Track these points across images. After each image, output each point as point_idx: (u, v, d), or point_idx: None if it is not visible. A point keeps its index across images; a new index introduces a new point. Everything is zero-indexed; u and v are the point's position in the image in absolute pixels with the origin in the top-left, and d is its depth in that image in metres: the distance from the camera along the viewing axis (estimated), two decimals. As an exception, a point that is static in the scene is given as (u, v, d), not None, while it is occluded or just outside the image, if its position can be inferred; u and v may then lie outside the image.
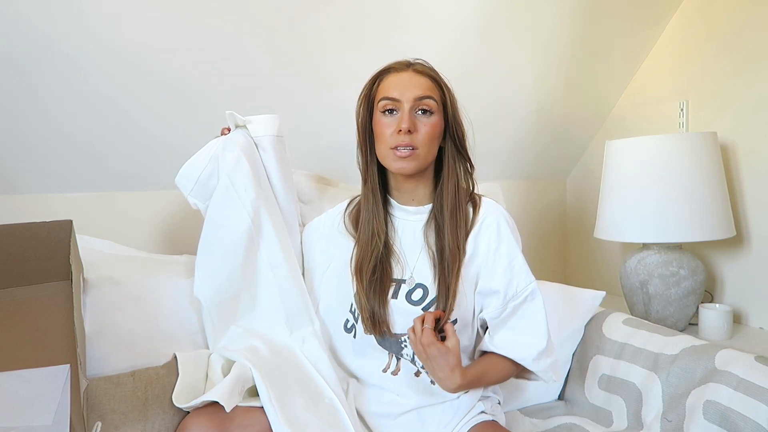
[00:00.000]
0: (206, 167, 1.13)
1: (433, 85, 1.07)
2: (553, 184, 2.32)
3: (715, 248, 1.81)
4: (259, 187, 1.13)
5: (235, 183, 1.11)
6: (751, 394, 1.06)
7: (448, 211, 1.08)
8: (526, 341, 1.06)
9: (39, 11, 1.17)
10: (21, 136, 1.31)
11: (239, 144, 1.13)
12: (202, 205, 1.17)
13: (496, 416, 1.14)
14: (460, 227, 1.08)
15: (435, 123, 1.06)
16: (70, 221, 1.05)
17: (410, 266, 1.10)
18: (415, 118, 1.04)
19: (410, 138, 1.03)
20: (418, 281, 1.09)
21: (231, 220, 1.12)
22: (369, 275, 1.08)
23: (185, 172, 1.15)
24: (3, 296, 1.00)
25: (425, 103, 1.05)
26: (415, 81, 1.05)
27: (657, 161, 1.61)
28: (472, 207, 1.12)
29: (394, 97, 1.05)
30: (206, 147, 1.15)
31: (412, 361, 1.09)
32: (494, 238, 1.08)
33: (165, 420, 1.04)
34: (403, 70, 1.07)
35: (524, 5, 1.69)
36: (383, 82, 1.08)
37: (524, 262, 1.09)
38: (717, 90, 1.78)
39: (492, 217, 1.10)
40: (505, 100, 1.90)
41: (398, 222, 1.14)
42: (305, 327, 1.14)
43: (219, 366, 1.09)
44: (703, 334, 1.61)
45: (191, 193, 1.15)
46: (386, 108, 1.06)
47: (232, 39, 1.40)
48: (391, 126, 1.05)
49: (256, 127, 1.16)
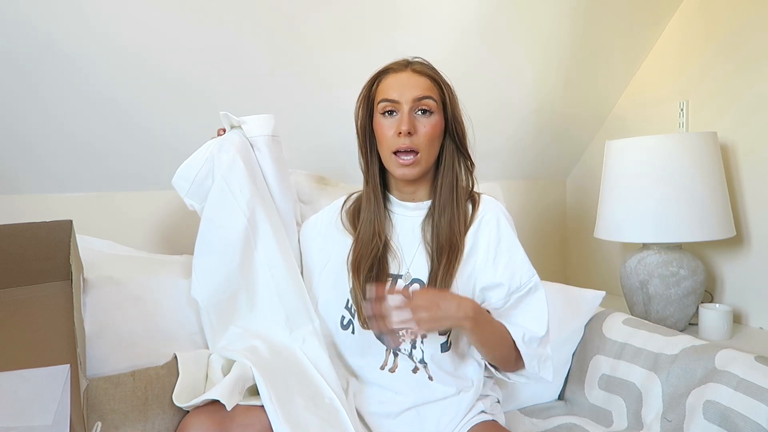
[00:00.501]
0: (202, 168, 1.13)
1: (432, 85, 1.06)
2: (553, 184, 2.32)
3: (715, 248, 1.81)
4: (254, 187, 1.14)
5: (230, 183, 1.12)
6: (751, 394, 1.06)
7: (445, 207, 1.08)
8: (525, 325, 1.05)
9: (39, 11, 1.17)
10: (21, 136, 1.31)
11: (234, 144, 1.13)
12: (198, 205, 1.17)
13: (496, 415, 1.14)
14: (456, 223, 1.08)
15: (435, 123, 1.06)
16: (70, 221, 1.05)
17: (407, 262, 1.10)
18: (414, 118, 1.05)
19: (410, 140, 1.03)
20: (415, 276, 1.09)
21: (227, 220, 1.12)
22: (366, 272, 1.08)
23: (182, 173, 1.15)
24: (3, 296, 1.00)
25: (424, 103, 1.04)
26: (414, 81, 1.05)
27: (657, 161, 1.61)
28: (471, 204, 1.12)
29: (393, 99, 1.05)
30: (202, 148, 1.15)
31: (409, 356, 1.09)
32: (494, 234, 1.09)
33: (165, 420, 1.04)
34: (401, 70, 1.07)
35: (524, 5, 1.69)
36: (382, 83, 1.08)
37: (525, 256, 1.09)
38: (717, 90, 1.78)
39: (491, 213, 1.10)
40: (506, 100, 1.90)
41: (397, 218, 1.14)
42: (305, 326, 1.14)
43: (219, 366, 1.09)
44: (703, 334, 1.61)
45: (187, 194, 1.15)
46: (386, 110, 1.06)
47: (232, 39, 1.40)
48: (391, 128, 1.05)
49: (251, 127, 1.16)
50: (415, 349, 1.09)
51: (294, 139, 1.64)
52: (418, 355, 1.09)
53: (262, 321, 1.15)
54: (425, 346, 1.09)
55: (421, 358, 1.09)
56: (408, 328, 1.05)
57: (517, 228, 1.14)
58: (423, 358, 1.09)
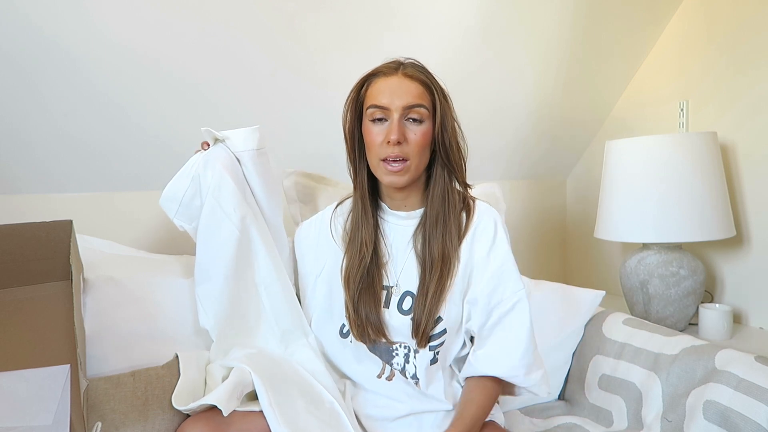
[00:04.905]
0: (189, 188, 1.09)
1: (423, 91, 1.02)
2: (553, 184, 2.32)
3: (715, 248, 1.81)
4: (246, 205, 1.09)
5: (222, 203, 1.06)
6: (751, 394, 1.06)
7: (436, 219, 1.05)
8: (511, 358, 1.03)
9: (39, 11, 1.17)
10: (21, 136, 1.32)
11: (220, 160, 1.07)
12: (188, 226, 1.13)
13: (495, 416, 1.14)
14: (449, 235, 1.05)
15: (425, 131, 1.02)
16: (70, 221, 1.05)
17: (396, 273, 1.09)
18: (404, 126, 1.01)
19: (400, 149, 1.00)
20: (405, 288, 1.07)
21: (223, 243, 1.08)
22: (356, 284, 1.06)
23: (168, 194, 1.10)
24: (3, 296, 1.00)
25: (415, 111, 1.01)
26: (405, 87, 1.01)
27: (657, 161, 1.61)
28: (465, 213, 1.09)
29: (383, 105, 1.01)
30: (186, 165, 1.10)
31: (402, 371, 1.08)
32: (489, 242, 1.06)
33: (165, 420, 1.04)
34: (392, 74, 1.03)
35: (525, 6, 1.69)
36: (371, 87, 1.04)
37: (515, 269, 1.06)
38: (717, 90, 1.78)
39: (486, 221, 1.08)
40: (506, 101, 1.90)
41: (389, 227, 1.11)
42: (299, 340, 1.13)
43: (218, 373, 1.08)
44: (703, 334, 1.61)
45: (176, 216, 1.11)
46: (374, 116, 1.02)
47: (233, 39, 1.41)
48: (380, 135, 1.01)
49: (235, 142, 1.09)
50: (408, 364, 1.08)
51: (294, 139, 1.64)
52: (410, 370, 1.07)
53: (258, 339, 1.14)
54: (417, 360, 1.07)
55: (413, 373, 1.07)
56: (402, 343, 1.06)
57: (517, 228, 1.13)
58: (415, 373, 1.07)
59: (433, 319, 1.03)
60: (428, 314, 1.02)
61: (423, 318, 1.02)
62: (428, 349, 1.06)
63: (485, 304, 1.05)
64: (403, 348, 1.07)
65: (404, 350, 1.07)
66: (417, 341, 1.04)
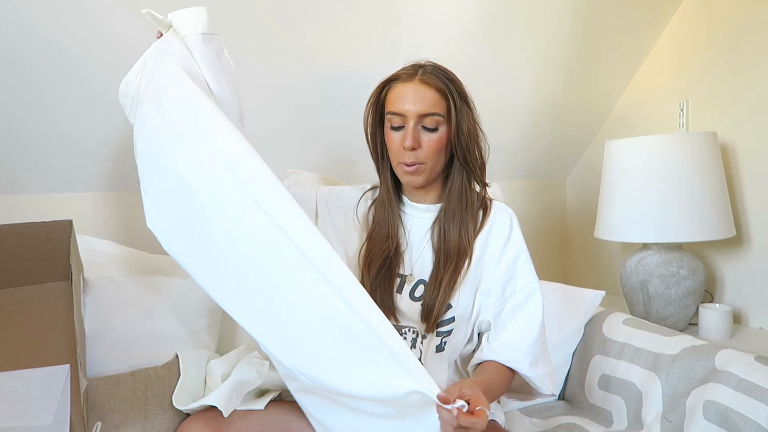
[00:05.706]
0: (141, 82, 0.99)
1: (439, 98, 1.04)
2: (553, 184, 2.32)
3: (715, 248, 1.81)
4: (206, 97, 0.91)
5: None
6: (751, 394, 1.06)
7: (453, 214, 1.09)
8: (519, 346, 1.05)
9: (39, 11, 1.17)
10: (21, 135, 1.31)
11: (173, 56, 0.95)
12: None
13: (495, 415, 1.14)
14: (465, 229, 1.09)
15: (440, 137, 1.05)
16: (70, 221, 1.05)
17: (412, 262, 1.11)
18: (419, 132, 1.05)
19: (415, 154, 1.04)
20: (419, 277, 1.10)
21: None
22: (376, 271, 1.09)
23: (123, 89, 1.03)
24: (3, 296, 1.00)
25: (429, 120, 1.04)
26: (421, 95, 1.03)
27: (657, 161, 1.61)
28: (482, 211, 1.13)
29: (399, 112, 1.04)
30: (142, 58, 1.01)
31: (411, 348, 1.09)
32: (505, 237, 1.10)
33: (165, 420, 1.04)
34: (409, 80, 1.05)
35: (524, 5, 1.69)
36: (390, 93, 1.07)
37: (529, 263, 1.10)
38: (717, 90, 1.78)
39: (503, 217, 1.12)
40: (506, 100, 1.90)
41: (408, 219, 1.15)
42: None
43: (219, 373, 1.08)
44: (703, 334, 1.60)
45: (131, 113, 1.04)
46: (392, 123, 1.06)
47: (233, 39, 1.40)
48: (398, 141, 1.06)
49: (180, 24, 0.97)
50: (414, 349, 1.09)
51: (294, 139, 1.64)
52: (416, 354, 1.09)
53: None
54: (424, 346, 1.08)
55: (418, 357, 1.08)
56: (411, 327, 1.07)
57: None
58: (421, 358, 1.08)
59: (444, 306, 1.06)
60: (440, 302, 1.05)
61: (434, 304, 1.05)
62: (435, 335, 1.08)
63: (499, 296, 1.08)
64: (411, 333, 1.08)
65: (412, 335, 1.08)
66: (426, 326, 1.07)
